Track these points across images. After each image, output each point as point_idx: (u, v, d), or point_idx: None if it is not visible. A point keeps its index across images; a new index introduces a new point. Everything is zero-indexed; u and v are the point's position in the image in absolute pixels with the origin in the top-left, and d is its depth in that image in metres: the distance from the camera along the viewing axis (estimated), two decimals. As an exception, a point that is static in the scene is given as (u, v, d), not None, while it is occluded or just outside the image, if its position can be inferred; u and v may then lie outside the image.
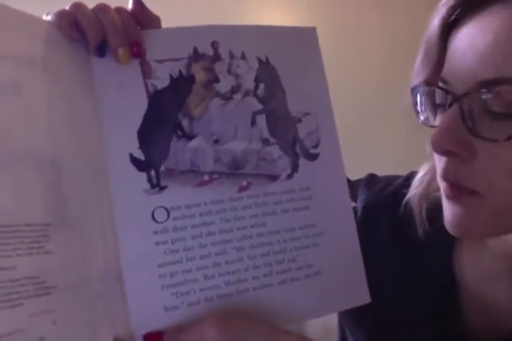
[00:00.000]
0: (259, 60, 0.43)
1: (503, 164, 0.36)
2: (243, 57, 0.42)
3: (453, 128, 0.37)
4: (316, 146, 0.44)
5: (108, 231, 0.38)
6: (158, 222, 0.39)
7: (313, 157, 0.44)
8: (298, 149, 0.43)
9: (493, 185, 0.37)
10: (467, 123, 0.37)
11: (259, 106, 0.43)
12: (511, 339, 0.44)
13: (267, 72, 0.43)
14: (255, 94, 0.43)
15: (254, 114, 0.42)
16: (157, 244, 0.38)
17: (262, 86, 0.43)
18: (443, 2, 0.40)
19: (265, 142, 0.42)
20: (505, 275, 0.46)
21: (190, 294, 0.38)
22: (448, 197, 0.40)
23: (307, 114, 0.44)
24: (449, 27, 0.40)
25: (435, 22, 0.40)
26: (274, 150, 0.42)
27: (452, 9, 0.39)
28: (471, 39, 0.37)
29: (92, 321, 0.36)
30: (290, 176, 0.43)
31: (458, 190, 0.39)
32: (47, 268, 0.34)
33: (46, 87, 0.38)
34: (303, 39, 0.46)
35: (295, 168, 0.43)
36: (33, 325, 0.32)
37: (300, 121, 0.44)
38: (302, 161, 0.43)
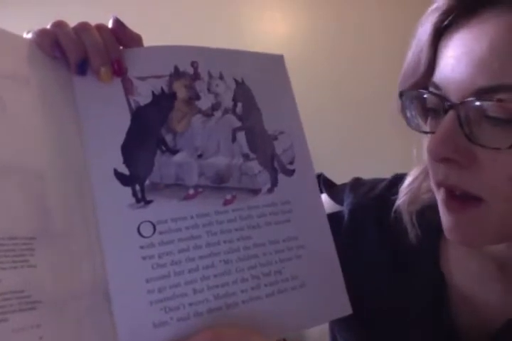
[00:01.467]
0: (236, 81, 0.45)
1: (507, 171, 0.36)
2: (221, 77, 0.44)
3: (450, 135, 0.37)
4: (291, 163, 0.46)
5: (94, 246, 0.37)
6: (145, 237, 0.38)
7: (290, 173, 0.45)
8: (276, 165, 0.45)
9: (498, 192, 0.37)
10: (465, 130, 0.36)
11: (238, 124, 0.44)
12: (497, 337, 0.45)
13: (243, 92, 0.45)
14: (234, 112, 0.44)
15: (235, 130, 0.43)
16: (144, 258, 0.38)
17: (239, 105, 0.44)
18: (434, 7, 0.40)
19: (246, 157, 0.43)
20: (492, 276, 0.47)
21: (180, 309, 0.37)
22: (449, 209, 0.40)
23: (282, 132, 0.46)
24: (441, 32, 0.40)
25: (427, 26, 0.41)
26: (255, 166, 0.43)
27: (445, 15, 0.39)
28: (465, 46, 0.37)
29: (80, 337, 0.34)
30: (270, 190, 0.44)
31: (460, 200, 0.39)
32: (32, 283, 0.33)
33: (29, 102, 0.38)
34: (272, 65, 0.48)
35: (274, 182, 0.44)
36: (18, 340, 0.31)
37: (276, 138, 0.46)
38: (280, 176, 0.45)
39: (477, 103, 0.36)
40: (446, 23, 0.40)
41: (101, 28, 0.41)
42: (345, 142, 1.96)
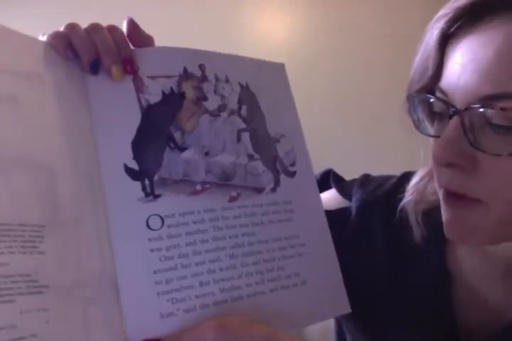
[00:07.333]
0: (241, 85, 0.46)
1: (507, 176, 0.37)
2: (227, 80, 0.46)
3: (455, 140, 0.38)
4: (293, 165, 0.47)
5: (103, 237, 0.37)
6: (153, 230, 0.39)
7: (292, 174, 0.47)
8: (278, 166, 0.46)
9: (497, 195, 0.38)
10: (469, 136, 0.37)
11: (243, 125, 0.45)
12: (502, 337, 0.46)
13: (248, 96, 0.47)
14: (239, 114, 0.45)
15: (240, 131, 0.45)
16: (152, 250, 0.38)
17: (244, 107, 0.46)
18: (442, 13, 0.41)
19: (250, 157, 0.45)
20: (497, 275, 0.48)
21: (186, 301, 0.38)
22: (449, 205, 0.41)
23: (283, 135, 0.48)
24: (448, 37, 0.40)
25: (434, 32, 0.41)
26: (259, 166, 0.45)
27: (452, 22, 0.40)
28: (471, 53, 0.37)
29: (86, 325, 0.35)
30: (273, 190, 0.45)
31: (461, 200, 0.40)
32: (40, 268, 0.34)
33: (43, 99, 0.39)
34: (274, 72, 0.50)
35: (277, 182, 0.45)
36: (25, 321, 0.31)
37: (278, 141, 0.47)
38: (282, 177, 0.46)
39: (481, 110, 0.36)
40: (452, 29, 0.40)
41: (112, 28, 0.42)
42: (346, 143, 1.96)
